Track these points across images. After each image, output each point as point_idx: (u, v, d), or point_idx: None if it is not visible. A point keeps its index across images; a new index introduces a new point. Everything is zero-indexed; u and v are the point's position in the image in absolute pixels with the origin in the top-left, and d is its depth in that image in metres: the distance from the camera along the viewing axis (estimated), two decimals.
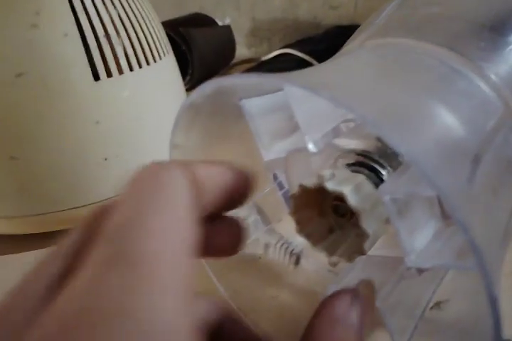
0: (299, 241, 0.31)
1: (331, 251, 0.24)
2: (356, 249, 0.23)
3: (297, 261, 0.33)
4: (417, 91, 0.19)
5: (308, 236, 0.24)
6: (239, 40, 0.88)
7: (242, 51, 0.92)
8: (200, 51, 0.73)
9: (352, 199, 0.21)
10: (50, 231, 0.40)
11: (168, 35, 0.69)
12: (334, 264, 0.24)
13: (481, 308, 0.18)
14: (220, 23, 0.83)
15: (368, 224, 0.21)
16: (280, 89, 0.24)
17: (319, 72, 0.21)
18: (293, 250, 0.32)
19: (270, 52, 0.77)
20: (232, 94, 0.23)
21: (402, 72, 0.21)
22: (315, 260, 0.32)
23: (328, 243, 0.24)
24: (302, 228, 0.24)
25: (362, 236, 0.22)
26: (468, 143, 0.19)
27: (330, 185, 0.22)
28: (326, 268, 0.31)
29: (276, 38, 0.93)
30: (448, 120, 0.18)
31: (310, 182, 0.22)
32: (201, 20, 0.82)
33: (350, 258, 0.23)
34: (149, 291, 0.12)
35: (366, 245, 0.22)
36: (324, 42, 0.77)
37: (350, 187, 0.22)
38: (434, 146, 0.16)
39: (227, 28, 0.83)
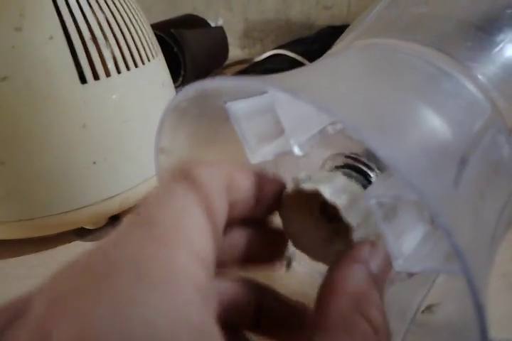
0: (291, 244, 0.30)
1: (329, 261, 0.23)
2: (341, 250, 0.22)
3: (289, 264, 0.32)
4: (403, 93, 0.19)
5: (304, 248, 0.24)
6: (232, 41, 0.88)
7: (235, 52, 0.91)
8: (193, 52, 0.73)
9: (328, 194, 0.21)
10: (40, 236, 0.39)
11: (160, 36, 0.69)
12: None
13: (469, 311, 0.18)
14: (212, 24, 0.83)
15: (350, 217, 0.21)
16: (265, 92, 0.24)
17: (304, 74, 0.21)
18: (285, 252, 0.32)
19: (263, 53, 0.76)
20: (218, 96, 0.23)
21: (388, 73, 0.21)
22: (307, 263, 0.31)
23: (326, 253, 0.24)
24: (297, 241, 0.24)
25: (348, 230, 0.21)
26: (454, 144, 0.18)
27: (306, 186, 0.22)
28: (318, 271, 0.31)
29: (269, 38, 0.93)
30: (434, 121, 0.18)
31: (289, 189, 0.22)
32: (194, 22, 0.82)
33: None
34: (167, 244, 0.14)
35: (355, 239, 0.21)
36: (317, 43, 0.76)
37: (326, 184, 0.22)
38: (418, 149, 0.16)
39: (220, 29, 0.82)
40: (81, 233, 0.41)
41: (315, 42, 0.77)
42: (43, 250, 0.40)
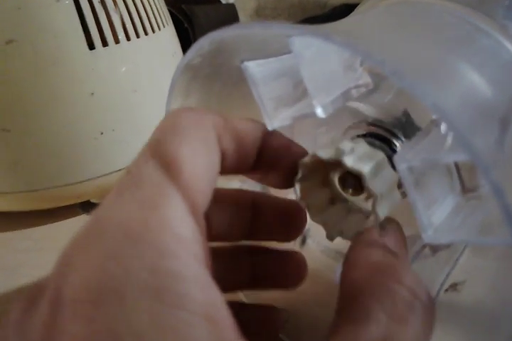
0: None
1: (329, 225, 0.22)
2: (361, 228, 0.21)
3: (303, 241, 0.31)
4: (440, 47, 0.17)
5: (308, 206, 0.23)
6: (243, 19, 0.86)
7: None
8: (203, 29, 0.71)
9: (370, 182, 0.20)
10: (47, 209, 0.39)
11: (170, 12, 0.67)
12: (331, 238, 0.22)
13: (506, 289, 0.16)
14: (223, 1, 0.81)
15: (374, 186, 0.19)
16: (285, 53, 0.22)
17: (334, 25, 0.19)
18: None
19: None
20: (233, 53, 0.21)
21: (422, 27, 0.19)
22: (321, 239, 0.30)
23: (327, 215, 0.23)
24: (303, 197, 0.22)
25: (373, 202, 0.20)
26: (495, 103, 0.17)
27: (349, 162, 0.20)
28: (332, 248, 0.30)
29: (281, 17, 0.91)
30: (474, 78, 0.16)
31: (326, 154, 0.20)
32: None
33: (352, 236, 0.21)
34: (160, 205, 0.14)
35: (379, 212, 0.20)
36: (331, 21, 0.74)
37: (370, 167, 0.20)
38: (462, 102, 0.14)
39: (231, 7, 0.80)
40: (87, 207, 0.40)
41: (329, 20, 0.74)
42: (48, 223, 0.39)
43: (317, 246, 0.31)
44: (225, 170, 0.19)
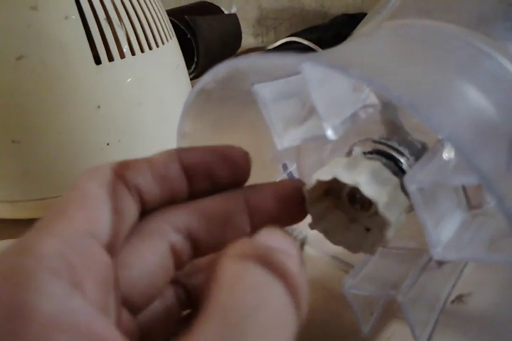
0: (303, 227, 0.29)
1: (350, 245, 0.22)
2: (378, 239, 0.21)
3: (301, 247, 0.31)
4: (445, 71, 0.18)
5: (325, 231, 0.23)
6: (245, 29, 0.87)
7: (248, 40, 0.90)
8: (206, 39, 0.71)
9: (368, 190, 0.20)
10: None
11: (173, 23, 0.68)
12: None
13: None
14: (226, 12, 0.82)
15: (389, 213, 0.20)
16: (293, 74, 0.23)
17: (340, 52, 0.19)
18: (297, 236, 0.31)
19: (276, 41, 0.75)
20: (244, 78, 0.22)
21: (427, 51, 0.20)
22: (319, 246, 0.30)
23: (347, 237, 0.23)
24: (317, 223, 0.22)
25: (383, 226, 0.20)
26: (502, 127, 0.17)
27: (343, 176, 0.20)
28: (329, 254, 0.30)
29: (282, 27, 0.91)
30: (480, 102, 0.17)
31: (325, 175, 0.20)
32: (207, 9, 0.80)
33: (372, 250, 0.21)
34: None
35: (388, 235, 0.20)
36: (331, 30, 0.75)
37: (365, 177, 0.20)
38: (471, 129, 0.15)
39: (234, 17, 0.81)
40: None
41: (329, 30, 0.75)
42: None
43: (314, 252, 0.31)
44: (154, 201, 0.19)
